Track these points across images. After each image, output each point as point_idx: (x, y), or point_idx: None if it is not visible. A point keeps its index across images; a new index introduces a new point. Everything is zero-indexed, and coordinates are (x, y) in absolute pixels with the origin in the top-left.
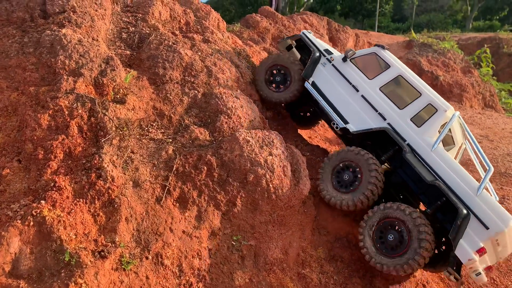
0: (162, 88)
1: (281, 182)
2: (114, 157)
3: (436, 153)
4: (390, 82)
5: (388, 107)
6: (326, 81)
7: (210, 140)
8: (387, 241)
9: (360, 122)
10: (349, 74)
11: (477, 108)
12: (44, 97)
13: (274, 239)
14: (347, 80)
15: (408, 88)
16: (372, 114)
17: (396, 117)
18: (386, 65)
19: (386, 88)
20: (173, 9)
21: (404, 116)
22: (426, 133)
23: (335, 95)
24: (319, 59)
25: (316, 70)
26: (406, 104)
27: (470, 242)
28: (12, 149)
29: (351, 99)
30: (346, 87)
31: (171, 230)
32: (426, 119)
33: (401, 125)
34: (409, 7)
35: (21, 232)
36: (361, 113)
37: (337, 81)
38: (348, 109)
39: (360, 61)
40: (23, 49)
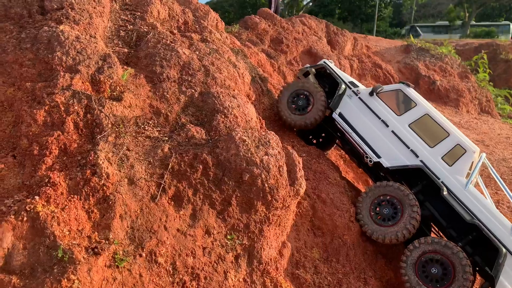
0: (159, 86)
1: (276, 182)
2: (110, 154)
3: (469, 192)
4: (418, 120)
5: (419, 145)
6: (354, 113)
7: (206, 139)
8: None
9: (393, 158)
10: (377, 109)
11: (473, 113)
12: (41, 93)
13: (268, 239)
14: (376, 115)
15: (436, 127)
16: (404, 150)
17: (428, 155)
18: (413, 103)
19: (415, 126)
20: (172, 8)
21: (435, 154)
22: (457, 172)
23: (364, 128)
24: (345, 90)
25: (342, 102)
26: (436, 143)
27: (509, 279)
28: (7, 144)
29: (381, 134)
30: (375, 121)
31: (165, 228)
32: (457, 158)
33: (434, 163)
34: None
35: (14, 227)
36: (393, 148)
37: (365, 115)
38: (379, 143)
39: (386, 96)
40: (20, 44)
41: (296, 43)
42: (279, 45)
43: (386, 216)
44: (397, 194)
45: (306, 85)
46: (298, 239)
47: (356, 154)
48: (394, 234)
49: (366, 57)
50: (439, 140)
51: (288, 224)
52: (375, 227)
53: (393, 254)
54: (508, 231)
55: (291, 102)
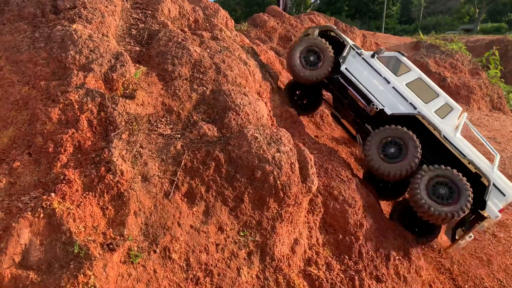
0: (171, 84)
1: (288, 179)
2: (123, 151)
3: (459, 139)
4: (413, 81)
5: (416, 100)
6: (358, 69)
7: (218, 136)
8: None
9: (394, 107)
10: (379, 68)
11: (484, 110)
12: (55, 92)
13: (281, 236)
14: (378, 73)
15: (428, 88)
16: (403, 103)
17: (424, 108)
18: (407, 68)
19: (411, 85)
20: (182, 7)
21: (429, 108)
22: (448, 123)
23: (368, 82)
24: (350, 50)
25: (347, 60)
26: (429, 100)
27: (495, 205)
28: (23, 142)
29: (383, 88)
30: (378, 78)
31: (179, 225)
32: (446, 113)
33: (429, 115)
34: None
35: (31, 223)
36: (394, 100)
37: (369, 72)
38: (382, 95)
39: (385, 60)
40: (34, 44)
41: None
42: (287, 43)
43: (392, 155)
44: (404, 136)
45: (317, 42)
46: (310, 236)
47: (354, 108)
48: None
49: None
50: (431, 98)
51: (300, 221)
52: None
53: (406, 252)
54: (490, 169)
55: (303, 57)
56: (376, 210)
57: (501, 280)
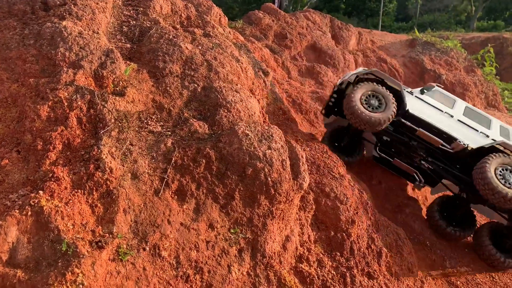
0: (162, 81)
1: (279, 176)
2: (113, 148)
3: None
4: (465, 111)
5: (482, 128)
6: (419, 109)
7: (209, 134)
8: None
9: (474, 141)
10: (436, 104)
11: (479, 107)
12: (44, 89)
13: (272, 233)
14: (438, 109)
15: (477, 115)
16: (476, 134)
17: (491, 134)
18: (452, 99)
19: (466, 115)
20: (174, 3)
21: (496, 134)
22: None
23: (436, 119)
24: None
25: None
26: (489, 125)
27: None
28: (12, 140)
29: (452, 123)
30: (440, 114)
31: (169, 222)
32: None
33: (502, 139)
34: (413, 7)
35: (18, 221)
36: (468, 133)
37: (429, 109)
38: (455, 130)
39: (432, 94)
40: (24, 41)
41: (300, 38)
42: (283, 40)
43: None
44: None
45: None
46: (301, 233)
47: (424, 148)
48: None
49: (371, 52)
50: (489, 123)
51: (292, 218)
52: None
53: (398, 248)
54: None
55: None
56: (368, 207)
57: (493, 276)
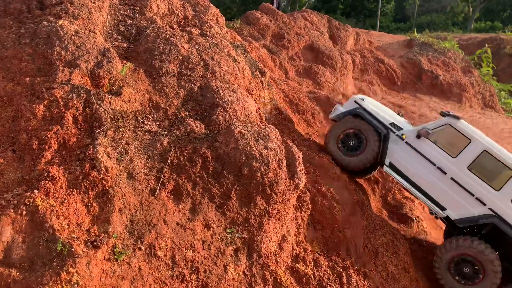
0: (158, 80)
1: (276, 176)
2: (109, 148)
3: None
4: (476, 159)
5: (484, 190)
6: (405, 161)
7: (206, 133)
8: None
9: (459, 209)
10: (429, 153)
11: (476, 108)
12: (40, 88)
13: (268, 233)
14: (430, 161)
15: (498, 164)
16: (469, 198)
17: (496, 200)
18: (467, 139)
19: (474, 167)
20: (171, 3)
21: (503, 198)
22: None
23: (420, 178)
24: (388, 136)
25: (389, 150)
26: (503, 184)
27: None
28: (7, 139)
29: (440, 183)
30: (430, 168)
31: (164, 222)
32: None
33: (503, 209)
34: (411, 8)
35: (13, 221)
36: (457, 198)
37: (418, 162)
38: (440, 193)
39: (436, 135)
40: (20, 40)
41: (298, 38)
42: (280, 40)
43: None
44: (478, 256)
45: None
46: (298, 232)
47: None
48: None
49: (369, 52)
50: (506, 179)
51: (288, 218)
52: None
53: (394, 248)
54: None
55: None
56: (365, 207)
57: None
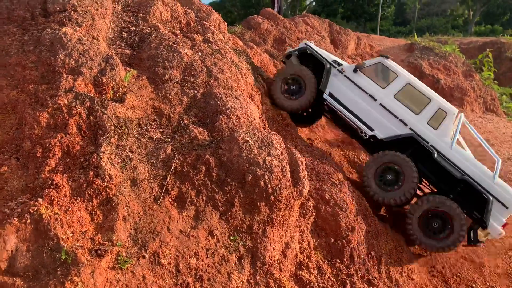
0: (161, 87)
1: (279, 183)
2: (113, 155)
3: (455, 151)
4: (401, 90)
5: (406, 114)
6: (342, 91)
7: (209, 140)
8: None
9: (385, 129)
10: (363, 84)
11: (478, 112)
12: (44, 95)
13: (272, 240)
14: (363, 90)
15: (418, 94)
16: (394, 121)
17: (415, 122)
18: (394, 74)
19: (399, 96)
20: (174, 9)
21: (421, 120)
22: (442, 134)
23: (354, 104)
24: (330, 70)
25: (330, 81)
26: (420, 110)
27: (497, 220)
28: (11, 146)
29: (371, 108)
30: (363, 96)
31: (168, 230)
32: (440, 122)
33: (421, 129)
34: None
35: (18, 229)
36: (384, 120)
37: (353, 91)
38: (370, 117)
39: (370, 71)
40: (23, 47)
41: (299, 43)
42: (282, 45)
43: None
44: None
45: (298, 71)
46: (301, 240)
47: (349, 128)
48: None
49: (370, 56)
50: (423, 106)
51: (292, 225)
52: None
53: (398, 255)
54: (491, 179)
55: (284, 88)
56: (368, 213)
57: (493, 283)
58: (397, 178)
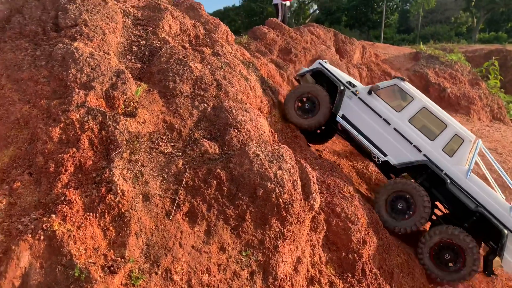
0: (172, 101)
1: (291, 197)
2: (125, 170)
3: (471, 180)
4: (416, 114)
5: (421, 139)
6: (356, 113)
7: (220, 154)
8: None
9: (398, 155)
10: (377, 107)
11: (485, 121)
12: (56, 110)
13: (283, 255)
14: (377, 114)
15: (434, 119)
16: (407, 146)
17: (430, 148)
18: (409, 98)
19: (414, 120)
20: (183, 23)
21: (436, 147)
22: (458, 161)
23: (368, 127)
24: (344, 92)
25: (343, 103)
26: (436, 135)
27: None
28: (23, 162)
29: (384, 132)
30: (377, 120)
31: (180, 245)
32: (456, 149)
33: (436, 156)
34: (414, 19)
35: (31, 246)
36: (397, 145)
37: (367, 114)
38: (383, 141)
39: (384, 93)
40: (35, 62)
41: (305, 53)
42: (287, 55)
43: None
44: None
45: (311, 89)
46: (313, 254)
47: (362, 150)
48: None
49: (375, 65)
50: (439, 132)
51: (303, 239)
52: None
53: (410, 269)
54: (507, 212)
55: (297, 106)
56: (379, 226)
57: None
58: (408, 207)
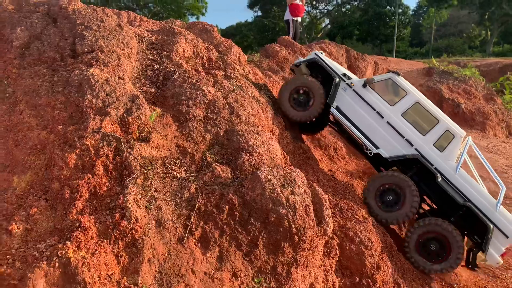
0: (185, 125)
1: (303, 223)
2: (138, 196)
3: (460, 176)
4: (409, 108)
5: (413, 134)
6: (350, 106)
7: (232, 178)
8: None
9: (390, 148)
10: (371, 100)
11: (501, 137)
12: (72, 136)
13: (296, 281)
14: (371, 106)
15: (426, 114)
16: (399, 140)
17: (421, 143)
18: (403, 92)
19: (407, 115)
20: (196, 46)
21: (427, 142)
22: (448, 157)
23: (361, 120)
24: (339, 84)
25: (338, 95)
26: (427, 130)
27: (496, 249)
28: (40, 187)
29: (377, 125)
30: (371, 113)
31: (192, 272)
32: (446, 144)
33: (427, 150)
34: (427, 32)
35: (46, 273)
36: (390, 139)
37: (361, 107)
38: (376, 134)
39: (379, 86)
40: (53, 88)
41: None
42: None
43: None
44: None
45: (306, 81)
46: (326, 279)
47: (354, 142)
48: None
49: None
50: (430, 127)
51: (316, 265)
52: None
53: None
54: (493, 207)
55: (292, 99)
56: (393, 250)
57: None
58: (397, 199)
